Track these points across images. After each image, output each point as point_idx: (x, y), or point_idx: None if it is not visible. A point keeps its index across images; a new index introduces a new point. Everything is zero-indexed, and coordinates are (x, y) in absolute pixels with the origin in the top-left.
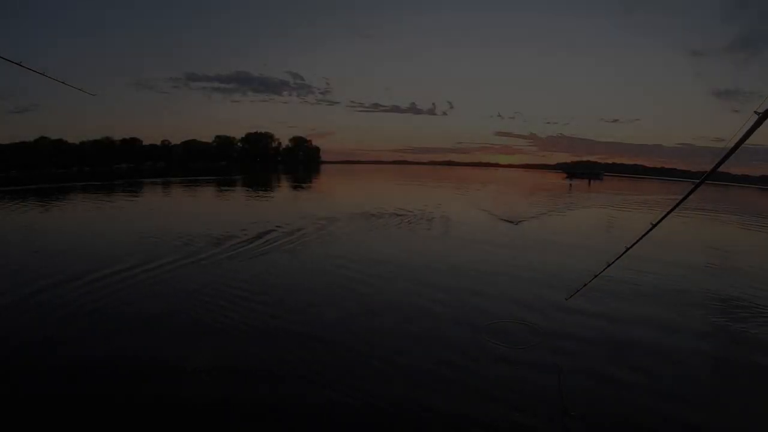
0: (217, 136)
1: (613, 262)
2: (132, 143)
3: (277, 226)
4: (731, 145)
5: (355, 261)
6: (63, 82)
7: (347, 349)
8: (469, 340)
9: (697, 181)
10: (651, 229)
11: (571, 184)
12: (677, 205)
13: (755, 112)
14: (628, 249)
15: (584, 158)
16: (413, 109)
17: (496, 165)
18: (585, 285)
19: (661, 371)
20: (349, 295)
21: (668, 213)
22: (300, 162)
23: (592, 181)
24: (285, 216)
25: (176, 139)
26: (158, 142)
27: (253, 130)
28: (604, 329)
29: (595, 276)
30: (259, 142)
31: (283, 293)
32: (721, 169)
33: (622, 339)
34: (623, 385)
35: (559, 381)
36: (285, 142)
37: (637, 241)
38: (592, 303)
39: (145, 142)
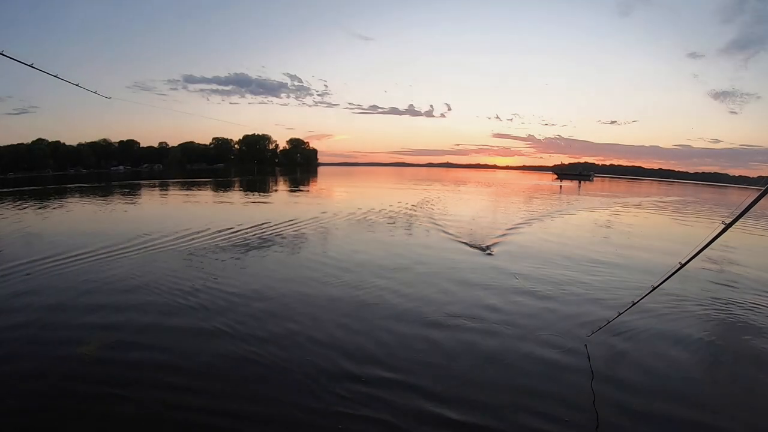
0: (215, 138)
1: (638, 301)
2: (129, 145)
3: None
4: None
5: None
6: (77, 85)
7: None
8: None
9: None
10: (679, 269)
11: (561, 186)
12: (707, 246)
13: None
14: (655, 287)
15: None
16: (411, 111)
17: (494, 167)
18: (609, 322)
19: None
20: None
21: (697, 254)
22: (298, 164)
23: (581, 183)
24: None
25: (174, 141)
26: (156, 144)
27: (251, 132)
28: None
29: (620, 314)
30: (256, 144)
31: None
32: (720, 170)
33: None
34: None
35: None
36: (283, 144)
37: (665, 280)
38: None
39: (143, 144)
